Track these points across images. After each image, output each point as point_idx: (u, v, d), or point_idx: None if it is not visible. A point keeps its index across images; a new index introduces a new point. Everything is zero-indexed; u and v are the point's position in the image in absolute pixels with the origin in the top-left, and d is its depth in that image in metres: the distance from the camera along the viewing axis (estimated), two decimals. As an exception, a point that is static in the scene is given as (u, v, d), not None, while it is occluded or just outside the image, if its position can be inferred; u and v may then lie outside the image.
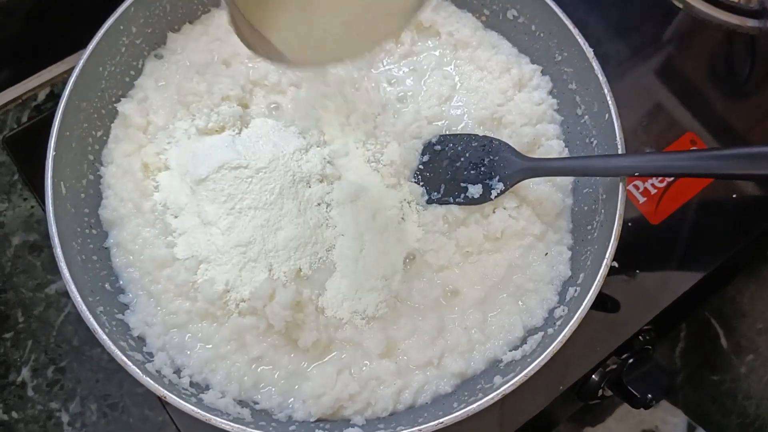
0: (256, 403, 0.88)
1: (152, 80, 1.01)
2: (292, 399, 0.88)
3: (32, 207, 1.14)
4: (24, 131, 1.13)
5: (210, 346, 0.89)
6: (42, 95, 1.19)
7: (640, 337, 1.04)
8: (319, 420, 0.87)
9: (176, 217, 0.93)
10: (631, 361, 1.02)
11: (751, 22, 1.16)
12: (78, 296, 0.82)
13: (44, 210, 0.91)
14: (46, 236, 1.12)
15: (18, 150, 1.10)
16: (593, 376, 1.03)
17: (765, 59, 1.17)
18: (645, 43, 1.20)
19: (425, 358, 0.89)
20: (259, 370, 0.89)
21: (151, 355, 0.88)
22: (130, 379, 1.05)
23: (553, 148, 0.99)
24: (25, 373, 1.07)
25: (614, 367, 1.02)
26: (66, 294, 1.09)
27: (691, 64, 1.20)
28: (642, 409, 1.01)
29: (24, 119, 1.17)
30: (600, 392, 1.04)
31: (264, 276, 0.88)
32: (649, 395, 1.00)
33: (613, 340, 1.01)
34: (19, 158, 1.10)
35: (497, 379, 0.84)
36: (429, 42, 1.06)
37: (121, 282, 0.93)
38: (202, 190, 0.90)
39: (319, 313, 0.90)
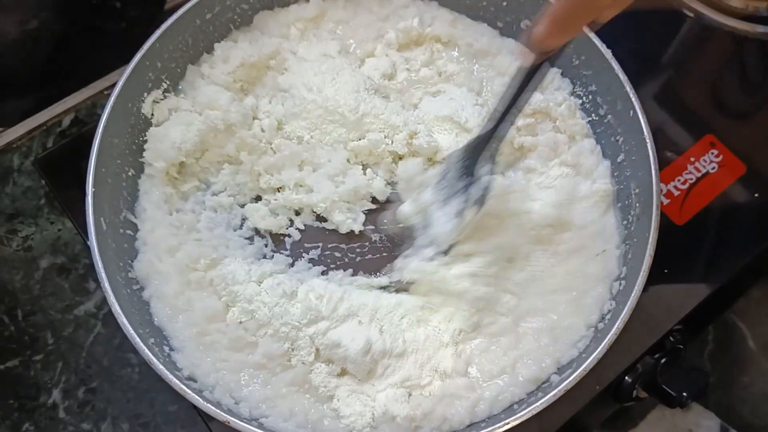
0: None
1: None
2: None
3: (59, 230, 1.14)
4: (54, 153, 1.14)
5: (269, 386, 0.89)
6: (67, 121, 1.21)
7: (671, 338, 1.04)
8: None
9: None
10: (663, 361, 1.02)
11: (761, 28, 1.20)
12: (130, 329, 0.84)
13: (83, 236, 0.92)
14: (74, 259, 1.13)
15: (49, 171, 1.11)
16: (626, 377, 1.03)
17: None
18: (662, 54, 1.23)
19: (498, 369, 0.90)
20: (325, 407, 0.89)
21: (201, 391, 0.88)
22: (162, 397, 1.06)
23: (585, 147, 1.01)
24: (56, 394, 1.06)
25: (647, 367, 1.02)
26: (95, 315, 1.10)
27: (704, 71, 1.22)
28: (678, 408, 1.01)
29: (49, 144, 1.18)
30: (635, 393, 1.03)
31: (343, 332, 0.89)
32: (685, 394, 0.99)
33: (645, 341, 1.01)
34: (51, 179, 1.11)
35: (554, 378, 0.85)
36: (449, 53, 1.09)
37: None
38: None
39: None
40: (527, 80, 0.80)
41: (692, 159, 1.12)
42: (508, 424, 0.79)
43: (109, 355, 1.08)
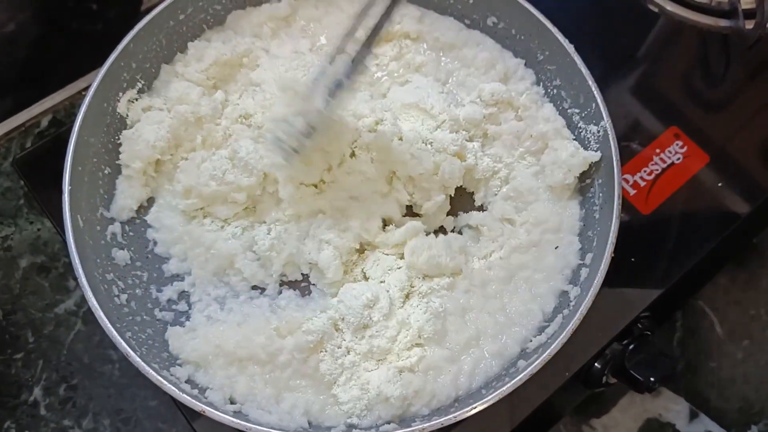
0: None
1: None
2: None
3: (38, 230, 1.16)
4: (32, 153, 1.14)
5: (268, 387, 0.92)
6: (45, 122, 1.22)
7: (639, 324, 1.06)
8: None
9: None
10: (632, 347, 1.04)
11: (723, 22, 1.22)
12: (108, 323, 0.86)
13: (61, 235, 0.94)
14: (53, 258, 1.14)
15: (28, 172, 1.12)
16: (596, 363, 1.05)
17: (739, 57, 1.23)
18: (626, 48, 1.26)
19: (464, 340, 0.93)
20: (322, 398, 0.91)
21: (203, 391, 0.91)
22: (143, 393, 1.08)
23: (546, 109, 1.05)
24: (37, 392, 1.07)
25: (616, 353, 1.05)
26: (75, 313, 1.11)
27: (671, 65, 1.25)
28: (646, 393, 1.03)
29: (28, 145, 1.20)
30: (604, 379, 1.06)
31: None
32: (652, 379, 1.01)
33: (613, 327, 1.04)
34: (29, 179, 1.12)
35: (521, 363, 0.87)
36: (417, 46, 1.11)
37: None
38: None
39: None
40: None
41: (657, 150, 1.14)
42: (475, 408, 0.81)
43: (89, 352, 1.10)
